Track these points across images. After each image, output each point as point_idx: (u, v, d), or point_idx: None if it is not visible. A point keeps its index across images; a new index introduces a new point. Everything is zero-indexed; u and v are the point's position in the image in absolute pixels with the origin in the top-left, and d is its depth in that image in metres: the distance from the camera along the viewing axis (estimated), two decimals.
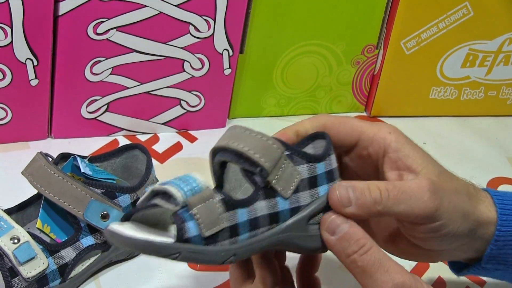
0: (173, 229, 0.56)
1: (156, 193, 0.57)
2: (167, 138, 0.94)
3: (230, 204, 0.57)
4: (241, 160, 0.59)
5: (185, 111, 0.94)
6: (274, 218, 0.60)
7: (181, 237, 0.55)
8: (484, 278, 0.81)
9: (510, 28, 0.99)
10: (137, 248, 0.55)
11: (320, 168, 0.62)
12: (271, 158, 0.59)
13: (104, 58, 0.86)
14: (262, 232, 0.59)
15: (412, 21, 0.96)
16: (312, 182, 0.61)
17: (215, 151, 0.61)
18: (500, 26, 0.99)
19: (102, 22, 0.83)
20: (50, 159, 0.73)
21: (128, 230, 0.55)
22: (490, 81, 1.03)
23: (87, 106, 0.89)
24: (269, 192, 0.59)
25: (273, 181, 0.59)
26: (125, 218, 0.58)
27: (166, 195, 0.56)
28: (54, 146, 0.89)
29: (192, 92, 0.92)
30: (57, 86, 0.87)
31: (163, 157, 0.91)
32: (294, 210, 0.61)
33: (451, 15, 0.96)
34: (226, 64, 0.91)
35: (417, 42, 0.97)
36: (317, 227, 0.62)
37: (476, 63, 1.01)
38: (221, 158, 0.60)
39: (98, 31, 0.84)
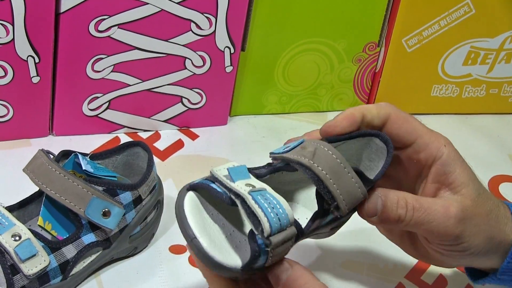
0: (243, 247, 0.57)
1: (238, 196, 0.56)
2: (169, 135, 0.94)
3: (298, 236, 0.58)
4: (325, 191, 0.59)
5: (186, 108, 0.94)
6: (316, 229, 0.61)
7: (248, 265, 0.56)
8: None
9: (511, 26, 0.99)
10: (204, 263, 0.56)
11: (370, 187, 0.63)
12: (352, 204, 0.60)
13: (105, 56, 0.86)
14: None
15: (414, 19, 0.96)
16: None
17: (301, 164, 0.59)
18: (501, 24, 0.99)
19: (104, 19, 0.83)
20: (52, 156, 0.73)
21: (201, 232, 0.56)
22: (492, 79, 1.03)
23: (88, 104, 0.89)
24: (327, 212, 0.60)
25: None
26: (192, 188, 0.58)
27: (251, 211, 0.56)
28: (56, 144, 0.89)
29: (194, 89, 0.92)
30: (58, 84, 0.87)
31: (165, 154, 0.91)
32: (333, 220, 0.62)
33: (452, 13, 0.96)
34: (227, 61, 0.91)
35: (419, 40, 0.97)
36: (332, 226, 0.64)
37: (477, 61, 1.01)
38: (305, 174, 0.59)
39: (100, 28, 0.84)
